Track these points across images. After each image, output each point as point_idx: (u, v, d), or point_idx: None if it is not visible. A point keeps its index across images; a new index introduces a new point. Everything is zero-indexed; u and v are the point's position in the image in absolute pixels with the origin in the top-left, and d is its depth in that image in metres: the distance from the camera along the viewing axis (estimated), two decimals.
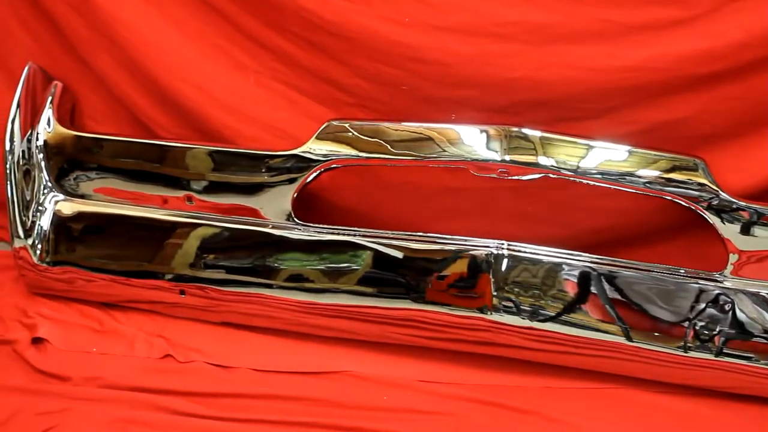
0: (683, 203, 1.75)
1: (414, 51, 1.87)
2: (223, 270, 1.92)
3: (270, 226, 1.91)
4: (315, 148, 1.84)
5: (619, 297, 1.78)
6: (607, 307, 1.78)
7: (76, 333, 1.94)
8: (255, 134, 1.99)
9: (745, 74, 1.80)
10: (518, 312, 1.80)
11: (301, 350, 1.92)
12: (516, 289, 1.80)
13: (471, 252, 1.82)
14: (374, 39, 1.88)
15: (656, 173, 1.74)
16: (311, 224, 1.90)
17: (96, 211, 1.98)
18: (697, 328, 1.75)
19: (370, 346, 1.91)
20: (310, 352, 1.91)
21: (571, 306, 1.79)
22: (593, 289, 1.79)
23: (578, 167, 1.75)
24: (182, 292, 1.94)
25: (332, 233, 1.88)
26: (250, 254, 1.91)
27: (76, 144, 1.98)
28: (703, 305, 1.76)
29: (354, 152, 1.82)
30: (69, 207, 1.99)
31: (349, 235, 1.88)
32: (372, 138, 1.82)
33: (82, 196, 1.99)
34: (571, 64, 1.84)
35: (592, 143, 1.76)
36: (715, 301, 1.75)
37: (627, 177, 1.74)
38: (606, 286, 1.79)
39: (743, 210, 1.73)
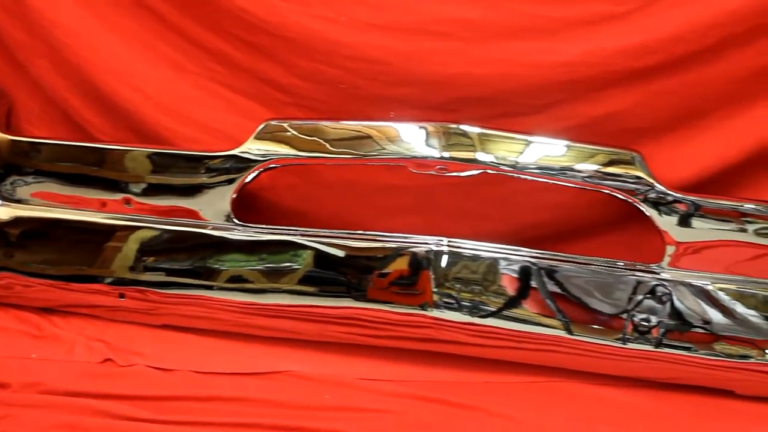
0: (621, 196, 1.76)
1: (351, 49, 1.87)
2: (162, 272, 1.90)
3: (210, 227, 1.89)
4: (253, 148, 1.83)
5: (559, 291, 1.79)
6: (548, 301, 1.79)
7: (14, 339, 1.92)
8: (193, 135, 1.98)
9: (678, 68, 1.83)
10: (459, 308, 1.80)
11: (242, 351, 1.91)
12: (457, 285, 1.80)
13: (411, 249, 1.82)
14: (311, 38, 1.88)
15: (594, 167, 1.74)
16: (251, 225, 1.89)
17: (33, 216, 1.96)
18: (635, 320, 1.76)
19: (312, 345, 1.91)
20: (251, 352, 1.90)
21: (512, 301, 1.80)
22: (533, 284, 1.79)
23: (517, 163, 1.76)
24: (122, 296, 1.93)
25: (272, 233, 1.88)
26: (190, 256, 1.90)
27: (12, 148, 1.95)
28: (641, 297, 1.77)
29: (293, 152, 1.82)
30: (6, 212, 1.96)
31: (289, 234, 1.87)
32: (311, 137, 1.81)
33: (20, 201, 1.97)
34: (508, 60, 1.85)
35: (530, 138, 1.76)
36: (652, 293, 1.77)
37: (565, 171, 1.75)
38: (546, 280, 1.79)
39: (679, 202, 1.74)
